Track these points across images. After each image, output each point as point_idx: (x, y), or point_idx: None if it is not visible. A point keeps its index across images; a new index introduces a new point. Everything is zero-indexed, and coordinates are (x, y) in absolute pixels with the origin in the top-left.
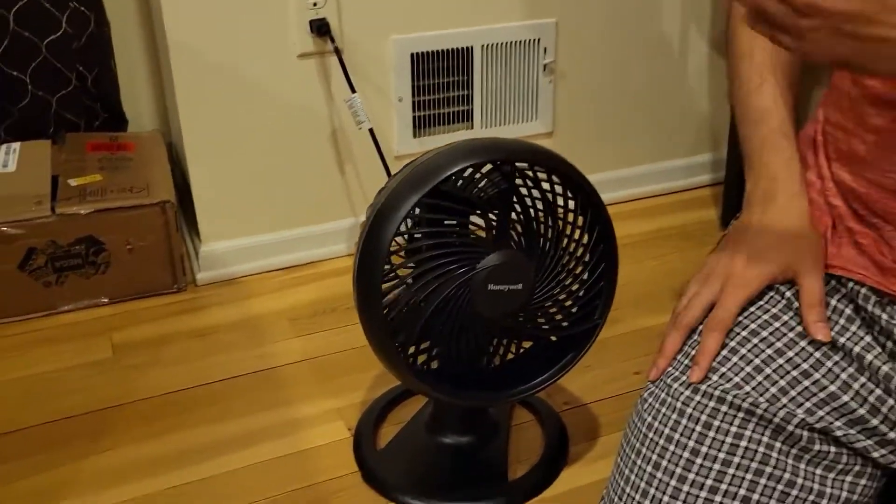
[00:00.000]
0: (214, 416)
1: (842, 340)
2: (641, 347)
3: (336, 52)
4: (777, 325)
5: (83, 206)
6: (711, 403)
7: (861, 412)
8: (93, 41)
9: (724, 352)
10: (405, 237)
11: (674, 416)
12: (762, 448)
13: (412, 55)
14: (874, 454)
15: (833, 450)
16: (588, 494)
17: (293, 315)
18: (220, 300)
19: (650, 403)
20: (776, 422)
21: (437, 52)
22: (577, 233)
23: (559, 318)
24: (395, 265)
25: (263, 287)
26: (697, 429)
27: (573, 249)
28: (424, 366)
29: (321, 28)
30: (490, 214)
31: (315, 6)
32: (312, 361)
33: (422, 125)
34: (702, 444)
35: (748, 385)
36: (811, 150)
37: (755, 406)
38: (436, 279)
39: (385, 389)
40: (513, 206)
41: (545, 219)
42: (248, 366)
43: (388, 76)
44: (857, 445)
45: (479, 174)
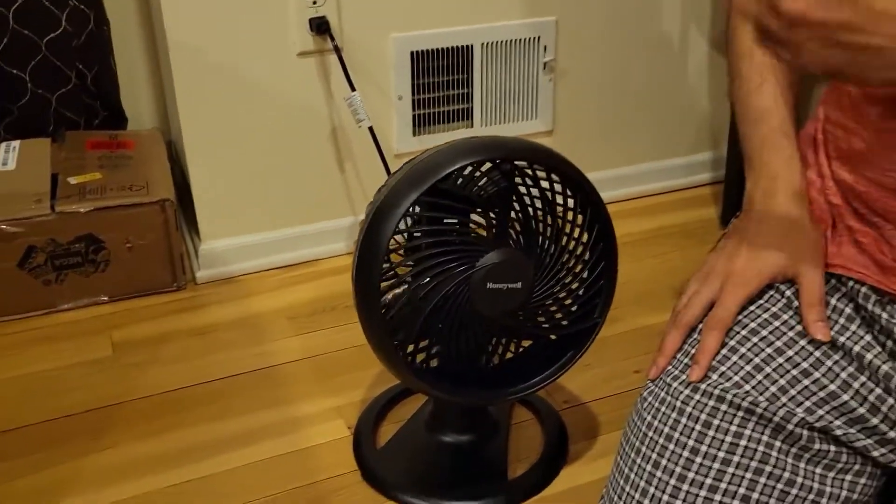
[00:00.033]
0: (214, 415)
1: (842, 339)
2: (641, 346)
3: (336, 51)
4: (777, 324)
5: (83, 205)
6: (711, 402)
7: (861, 411)
8: (92, 39)
9: (724, 350)
10: (405, 235)
11: (673, 415)
12: (762, 447)
13: (412, 53)
14: (874, 453)
15: (833, 449)
16: (588, 493)
17: (293, 313)
18: (220, 298)
19: (650, 402)
20: (776, 421)
21: (437, 51)
22: (577, 231)
23: (559, 317)
24: (395, 263)
25: (263, 285)
26: (697, 428)
27: (573, 248)
28: (423, 364)
29: (321, 26)
30: (490, 213)
31: (315, 4)
32: (312, 360)
33: (421, 123)
34: (701, 443)
35: (748, 384)
36: (811, 149)
37: (755, 405)
38: (434, 277)
39: (385, 388)
40: (512, 205)
41: (545, 217)
42: (248, 364)
43: (388, 74)
44: (857, 444)
45: (479, 173)
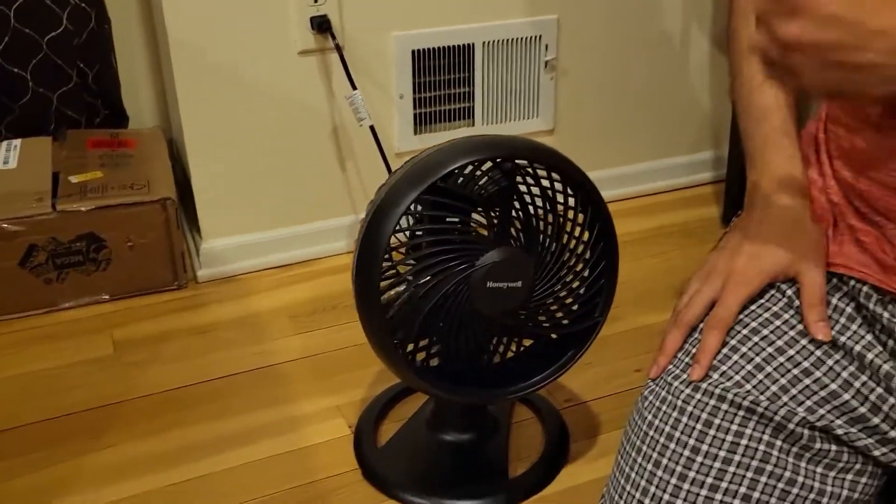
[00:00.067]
0: (214, 414)
1: (843, 339)
2: (642, 345)
3: (337, 49)
4: (778, 324)
5: (84, 203)
6: (712, 402)
7: (862, 410)
8: (93, 38)
9: (725, 350)
10: (406, 234)
11: (674, 415)
12: (763, 446)
13: (413, 52)
14: (875, 452)
15: (834, 448)
16: (588, 492)
17: (293, 312)
18: (221, 297)
19: (651, 401)
20: (777, 420)
21: (439, 49)
22: (578, 230)
23: (559, 316)
24: (395, 262)
25: (264, 284)
26: (698, 427)
27: (573, 247)
28: (424, 363)
29: (322, 25)
30: (491, 212)
31: (316, 3)
32: (312, 359)
33: (423, 122)
34: (702, 443)
35: (749, 383)
36: (813, 148)
37: (756, 404)
38: (434, 276)
39: (385, 387)
40: (513, 204)
41: (545, 216)
42: (248, 363)
43: (389, 73)
44: (858, 444)
45: (480, 171)
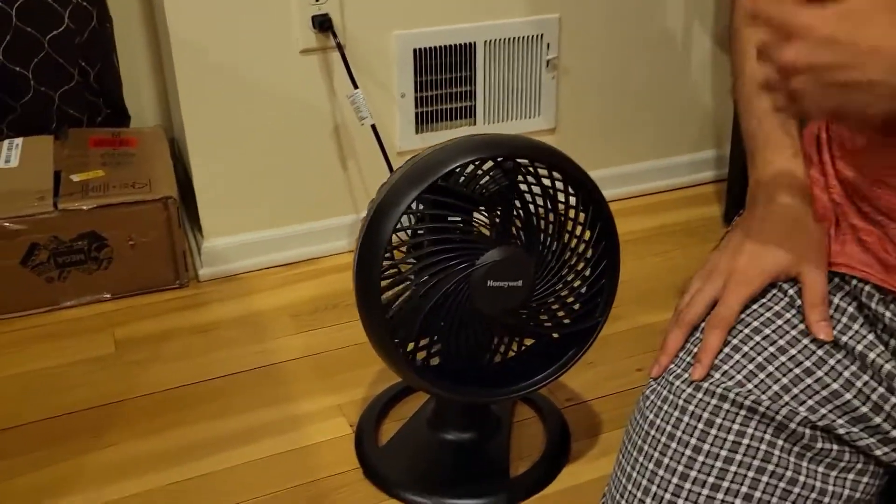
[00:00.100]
0: (215, 413)
1: (844, 338)
2: (643, 344)
3: (338, 48)
4: (780, 323)
5: (85, 202)
6: (713, 401)
7: (864, 410)
8: (95, 37)
9: (727, 349)
10: (408, 233)
11: (676, 414)
12: (764, 446)
13: (415, 51)
14: (876, 452)
15: (835, 448)
16: (590, 491)
17: (295, 311)
18: (222, 296)
19: (652, 401)
20: (778, 420)
21: (440, 48)
22: (579, 229)
23: (561, 315)
24: (395, 261)
25: (265, 283)
26: (699, 426)
27: (574, 246)
28: (424, 362)
29: (323, 24)
30: (492, 211)
31: (317, 2)
32: (314, 358)
33: (424, 121)
34: (704, 442)
35: (750, 383)
36: (815, 147)
37: (757, 404)
38: (435, 275)
39: (387, 386)
40: (514, 203)
41: (546, 215)
42: (250, 362)
43: (391, 72)
44: (860, 443)
45: (481, 171)
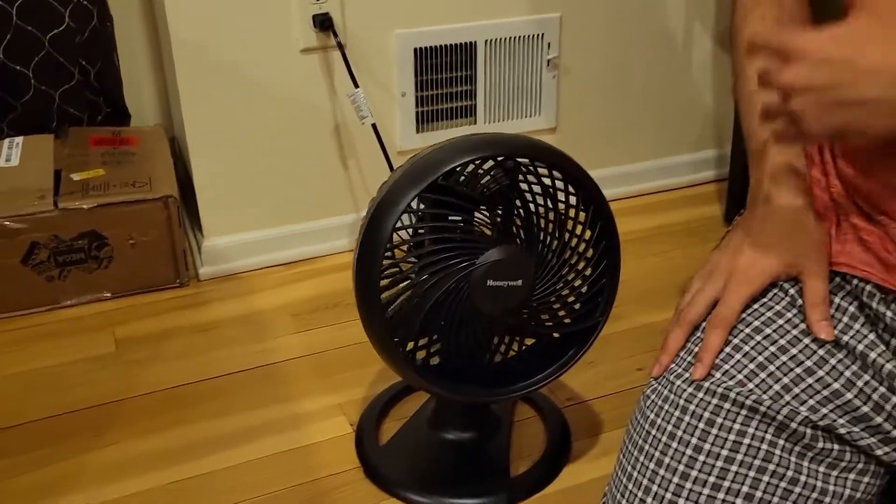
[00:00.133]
0: (216, 412)
1: (845, 338)
2: (644, 344)
3: (339, 47)
4: (781, 323)
5: (86, 201)
6: (714, 401)
7: (865, 410)
8: (96, 35)
9: (728, 349)
10: (409, 232)
11: (677, 413)
12: (765, 445)
13: (415, 50)
14: (878, 452)
15: (836, 447)
16: (590, 491)
17: (295, 310)
18: (222, 295)
19: (653, 400)
20: (779, 419)
21: (441, 47)
22: (579, 229)
23: (561, 315)
24: (396, 260)
25: (265, 282)
26: (700, 426)
27: (575, 245)
28: (424, 362)
29: (324, 23)
30: (492, 210)
31: (318, 1)
32: (314, 357)
33: (425, 120)
34: (705, 442)
35: (751, 382)
36: (816, 147)
37: (758, 403)
38: (434, 274)
39: (387, 385)
40: (514, 203)
41: (546, 215)
42: (250, 361)
43: (392, 71)
44: (861, 443)
45: (482, 170)
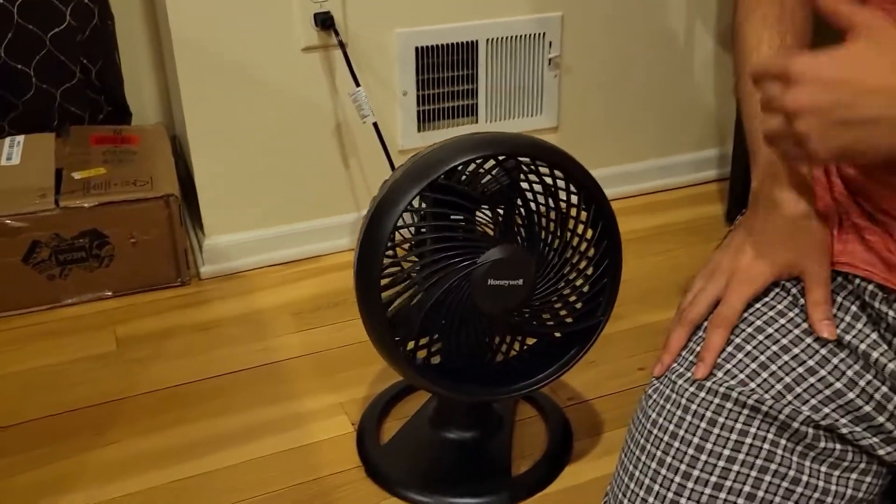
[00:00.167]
0: (217, 410)
1: (848, 338)
2: (646, 343)
3: (340, 46)
4: (783, 322)
5: (87, 200)
6: (716, 400)
7: (867, 409)
8: (97, 34)
9: (730, 348)
10: (410, 231)
11: (678, 413)
12: (767, 445)
13: (417, 49)
14: (880, 451)
15: (838, 447)
16: (592, 490)
17: (296, 309)
18: (224, 294)
19: (654, 400)
20: (781, 419)
21: (442, 46)
22: (581, 228)
23: (563, 315)
24: (396, 258)
25: (267, 281)
26: (702, 425)
27: (576, 244)
28: (425, 361)
29: (325, 22)
30: (493, 210)
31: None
32: (315, 356)
33: (426, 119)
34: (706, 441)
35: (753, 382)
36: None
37: (760, 403)
38: (436, 272)
39: (388, 384)
40: (515, 202)
41: (548, 214)
42: (251, 360)
43: (393, 70)
44: (863, 443)
45: (483, 169)
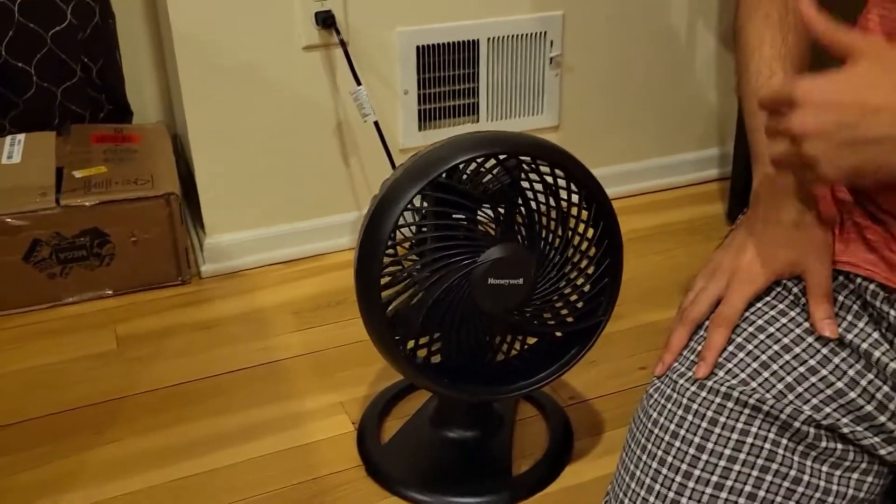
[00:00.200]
0: (218, 409)
1: (849, 337)
2: (646, 343)
3: (341, 45)
4: (784, 321)
5: (88, 198)
6: (717, 399)
7: (868, 409)
8: (98, 32)
9: (731, 348)
10: (411, 229)
11: (679, 412)
12: (768, 444)
13: (418, 48)
14: (881, 451)
15: (840, 447)
16: (593, 490)
17: (297, 308)
18: (224, 293)
19: (655, 399)
20: (782, 418)
21: (443, 45)
22: (582, 227)
23: (564, 314)
24: (397, 257)
25: (267, 280)
26: (703, 425)
27: (577, 244)
28: (425, 360)
29: (326, 20)
30: (494, 208)
31: None
32: (316, 355)
33: (427, 118)
34: (707, 441)
35: (754, 381)
36: None
37: (761, 402)
38: (436, 271)
39: (389, 383)
40: (516, 201)
41: (549, 213)
42: (252, 359)
43: (394, 69)
44: (864, 442)
45: (484, 168)
